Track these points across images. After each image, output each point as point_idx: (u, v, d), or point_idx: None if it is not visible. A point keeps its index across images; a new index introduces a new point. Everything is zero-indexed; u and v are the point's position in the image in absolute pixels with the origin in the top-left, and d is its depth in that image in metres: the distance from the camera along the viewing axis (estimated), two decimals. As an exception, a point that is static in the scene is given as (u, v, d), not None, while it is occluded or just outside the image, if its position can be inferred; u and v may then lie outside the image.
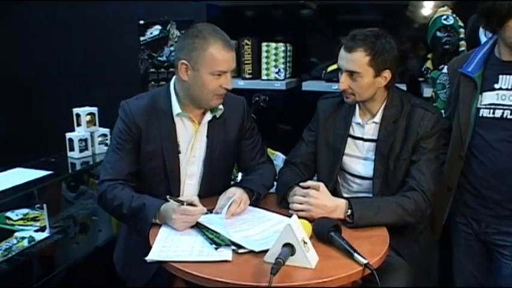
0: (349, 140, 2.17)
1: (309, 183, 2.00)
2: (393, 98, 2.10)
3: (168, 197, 1.82)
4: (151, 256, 1.60)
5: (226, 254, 1.60)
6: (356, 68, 1.99)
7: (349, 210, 1.88)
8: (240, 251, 1.62)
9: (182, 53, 1.95)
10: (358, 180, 2.16)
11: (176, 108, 2.03)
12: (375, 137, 2.11)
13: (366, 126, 2.13)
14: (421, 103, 2.11)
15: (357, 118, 2.16)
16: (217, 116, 2.10)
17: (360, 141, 2.15)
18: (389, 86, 2.09)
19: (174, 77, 2.08)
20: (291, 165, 2.27)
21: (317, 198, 1.91)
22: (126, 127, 2.03)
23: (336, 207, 1.90)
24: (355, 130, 2.16)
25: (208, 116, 2.09)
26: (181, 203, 1.80)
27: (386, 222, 1.89)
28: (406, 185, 2.02)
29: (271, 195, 2.18)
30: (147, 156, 2.05)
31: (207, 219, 1.85)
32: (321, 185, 1.97)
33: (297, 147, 2.32)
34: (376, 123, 2.11)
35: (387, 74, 2.02)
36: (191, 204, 1.81)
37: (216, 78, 1.93)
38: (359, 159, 2.15)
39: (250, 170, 2.24)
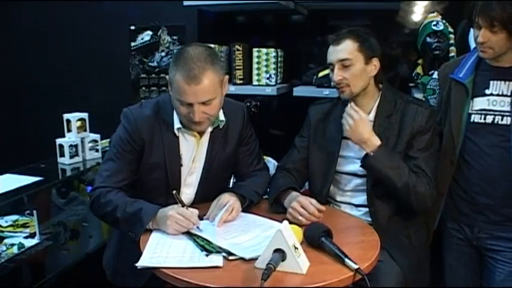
0: (343, 141, 2.19)
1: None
2: (386, 94, 2.17)
3: (174, 192, 1.84)
4: (142, 262, 1.59)
5: (217, 260, 1.59)
6: (347, 55, 2.07)
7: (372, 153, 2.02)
8: (231, 257, 1.61)
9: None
10: (353, 179, 2.17)
11: (176, 122, 2.00)
12: None
13: None
14: (414, 99, 2.22)
15: None
16: (221, 126, 2.07)
17: None
18: (380, 81, 2.17)
19: None
20: (283, 170, 2.27)
21: (357, 123, 2.02)
22: (129, 137, 1.99)
23: (370, 138, 2.03)
24: None
25: (210, 128, 2.05)
26: (183, 204, 1.81)
27: (395, 180, 1.99)
28: None
29: (263, 201, 2.17)
30: (148, 168, 2.02)
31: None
32: (362, 114, 2.06)
33: (289, 154, 2.33)
34: (370, 121, 2.12)
35: (376, 62, 2.12)
36: None
37: (182, 105, 1.88)
38: (354, 159, 2.16)
39: (246, 176, 2.22)
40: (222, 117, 2.05)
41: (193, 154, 2.06)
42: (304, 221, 1.87)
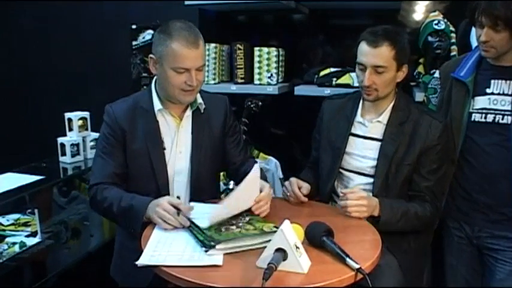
0: (350, 138, 2.18)
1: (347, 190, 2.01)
2: (400, 100, 2.15)
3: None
4: (142, 260, 1.59)
5: (217, 259, 1.59)
6: (383, 63, 2.02)
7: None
8: (229, 250, 1.61)
9: (152, 48, 2.00)
10: (356, 177, 2.16)
11: (157, 104, 2.05)
12: (378, 136, 2.12)
13: (369, 125, 2.14)
14: (428, 111, 2.19)
15: (359, 117, 2.18)
16: (202, 110, 2.11)
17: (360, 139, 2.16)
18: (398, 85, 2.15)
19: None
20: (307, 166, 2.40)
21: (368, 199, 1.96)
22: (111, 130, 2.04)
23: (375, 206, 1.96)
24: (357, 128, 2.18)
25: (189, 111, 2.10)
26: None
27: (402, 230, 2.00)
28: (419, 196, 2.07)
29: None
30: (133, 156, 2.05)
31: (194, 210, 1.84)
32: (360, 191, 1.99)
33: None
34: (380, 122, 2.12)
35: (405, 68, 2.10)
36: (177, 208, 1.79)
37: (179, 74, 1.94)
38: (358, 157, 2.16)
39: (238, 166, 2.24)
40: (199, 99, 2.10)
41: (175, 138, 2.08)
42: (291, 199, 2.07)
